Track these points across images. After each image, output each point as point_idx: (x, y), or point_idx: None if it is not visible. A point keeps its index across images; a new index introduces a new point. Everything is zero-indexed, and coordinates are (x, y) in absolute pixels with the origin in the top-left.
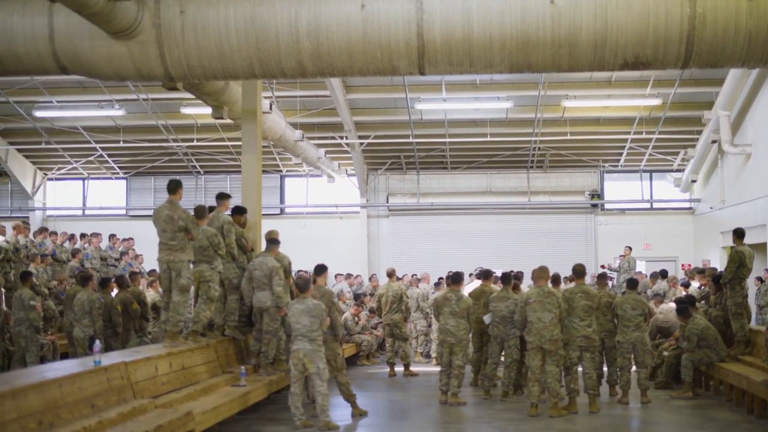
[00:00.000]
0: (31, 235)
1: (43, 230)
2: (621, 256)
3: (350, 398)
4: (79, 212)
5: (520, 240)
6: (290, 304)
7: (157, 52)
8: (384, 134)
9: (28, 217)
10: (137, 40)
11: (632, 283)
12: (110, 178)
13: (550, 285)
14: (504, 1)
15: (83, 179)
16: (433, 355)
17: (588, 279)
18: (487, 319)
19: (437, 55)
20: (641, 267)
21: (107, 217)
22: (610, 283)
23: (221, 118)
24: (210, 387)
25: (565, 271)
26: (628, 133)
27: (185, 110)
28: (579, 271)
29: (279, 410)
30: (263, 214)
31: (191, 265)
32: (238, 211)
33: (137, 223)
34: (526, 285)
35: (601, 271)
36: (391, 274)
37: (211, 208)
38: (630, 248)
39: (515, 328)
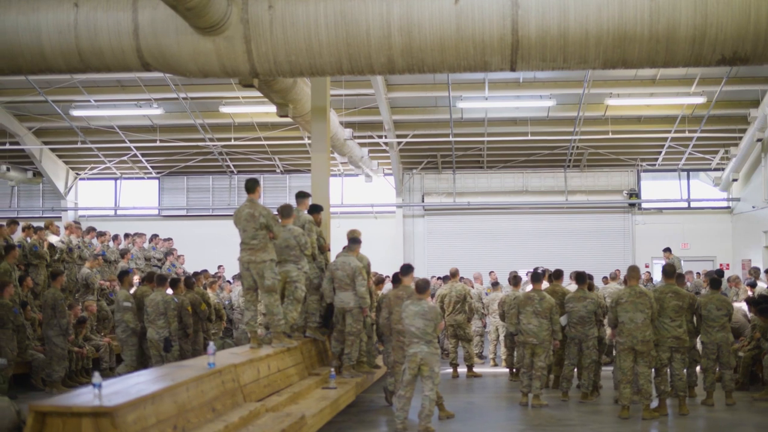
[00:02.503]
0: None
1: (90, 230)
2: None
3: (438, 400)
4: (111, 212)
5: (557, 240)
6: (405, 306)
7: (243, 48)
8: (422, 133)
9: (60, 217)
10: (224, 36)
11: (716, 284)
12: (142, 178)
13: (615, 282)
14: None
15: (115, 179)
16: (490, 356)
17: (620, 280)
18: (563, 320)
19: (531, 51)
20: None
21: (139, 217)
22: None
23: (286, 115)
24: (304, 390)
25: (604, 271)
26: (669, 131)
27: (224, 109)
28: (669, 272)
29: (363, 412)
30: None
31: (275, 265)
32: (315, 210)
33: (169, 224)
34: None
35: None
36: (454, 274)
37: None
38: (669, 250)
39: (593, 328)
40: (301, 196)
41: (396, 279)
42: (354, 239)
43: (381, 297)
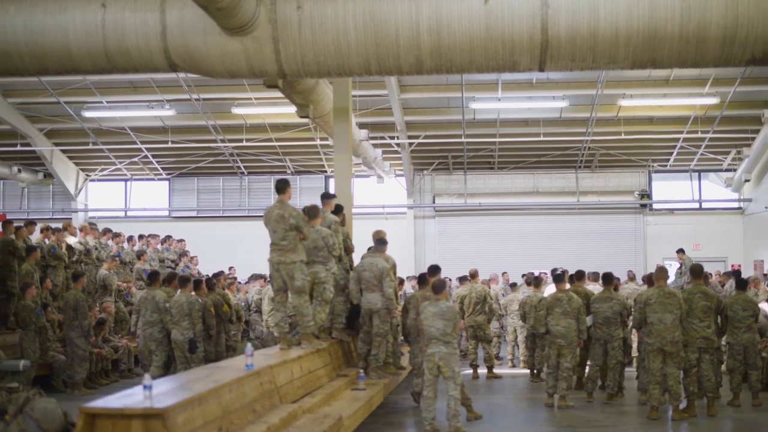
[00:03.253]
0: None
1: (106, 231)
2: (679, 261)
3: (465, 401)
4: (121, 214)
5: (569, 240)
6: (423, 307)
7: (272, 48)
8: (434, 134)
9: (70, 219)
10: (252, 36)
11: (742, 284)
12: (152, 179)
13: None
14: None
15: (125, 180)
16: (508, 357)
17: (638, 281)
18: (588, 320)
19: (560, 51)
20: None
21: (149, 218)
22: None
23: (307, 116)
24: (335, 391)
25: (615, 272)
26: (681, 132)
27: (236, 110)
28: (697, 272)
29: (390, 414)
30: None
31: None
32: (337, 210)
33: (180, 225)
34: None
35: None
36: (474, 275)
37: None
38: (683, 251)
39: (618, 328)
40: (327, 197)
41: (422, 280)
42: (381, 240)
43: (408, 298)
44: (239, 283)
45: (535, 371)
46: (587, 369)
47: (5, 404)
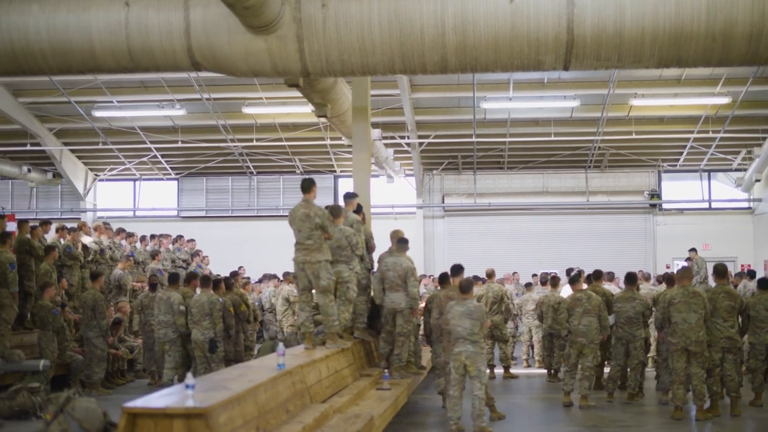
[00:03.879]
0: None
1: (120, 231)
2: (687, 259)
3: (489, 401)
4: (130, 213)
5: (578, 240)
6: (450, 306)
7: (296, 47)
8: (444, 134)
9: (79, 218)
10: (276, 35)
11: (765, 284)
12: (161, 179)
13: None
14: None
15: (134, 180)
16: (523, 357)
17: (653, 281)
18: (610, 320)
19: (586, 50)
20: None
21: (158, 218)
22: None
23: (325, 116)
24: (361, 391)
25: (625, 272)
26: (692, 132)
27: (247, 110)
28: (721, 271)
29: (413, 414)
30: None
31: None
32: (357, 209)
33: (188, 225)
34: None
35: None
36: (491, 275)
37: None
38: (695, 250)
39: (641, 328)
40: (350, 196)
41: (443, 279)
42: (403, 239)
43: (430, 297)
44: (252, 283)
45: (552, 371)
46: (606, 369)
47: (27, 404)
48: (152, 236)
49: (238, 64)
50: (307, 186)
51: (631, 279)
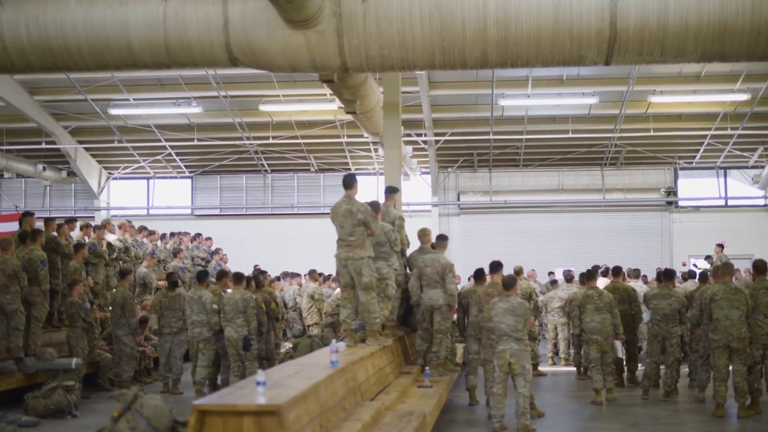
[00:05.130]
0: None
1: (142, 229)
2: (707, 257)
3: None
4: (144, 212)
5: (594, 238)
6: (493, 303)
7: (335, 42)
8: (461, 131)
9: (93, 217)
10: (316, 30)
11: None
12: (175, 177)
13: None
14: None
15: (148, 178)
16: (548, 354)
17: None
18: (646, 317)
19: (628, 44)
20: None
21: (172, 216)
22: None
23: (354, 112)
24: (405, 389)
25: (642, 270)
26: (709, 129)
27: (263, 107)
28: (761, 267)
29: (451, 411)
30: (329, 213)
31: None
32: (376, 207)
33: (203, 223)
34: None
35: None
36: (519, 272)
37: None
38: (721, 246)
39: (677, 326)
40: (391, 191)
41: (479, 275)
42: (442, 236)
43: (466, 293)
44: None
45: (582, 369)
46: (637, 365)
47: (62, 402)
48: (172, 234)
49: (277, 59)
50: (349, 182)
51: (668, 276)
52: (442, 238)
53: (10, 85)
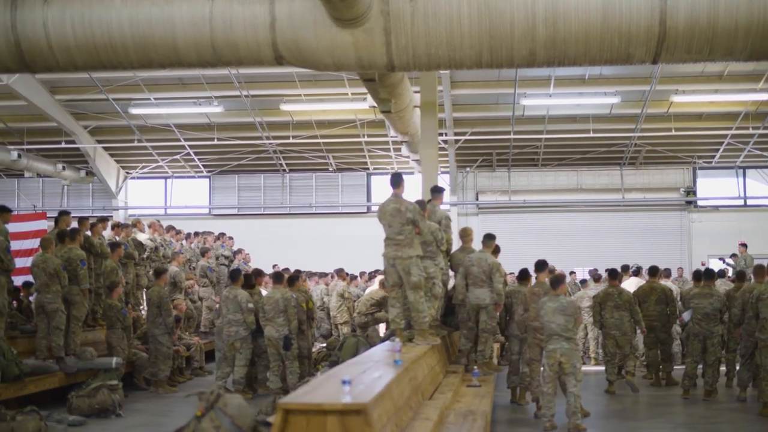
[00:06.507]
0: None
1: (170, 228)
2: (733, 255)
3: None
4: (161, 211)
5: (613, 238)
6: (542, 302)
7: (383, 40)
8: (481, 131)
9: (111, 216)
10: (363, 28)
11: None
12: (193, 177)
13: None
14: None
15: (165, 178)
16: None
17: (687, 276)
18: (686, 316)
19: (677, 43)
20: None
21: (190, 216)
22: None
23: (389, 111)
24: (456, 388)
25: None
26: (730, 128)
27: (284, 107)
28: None
29: (497, 410)
30: (347, 213)
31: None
32: (422, 206)
33: (220, 223)
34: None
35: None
36: (552, 271)
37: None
38: (745, 245)
39: (718, 325)
40: (437, 191)
41: (523, 275)
42: (490, 235)
43: (510, 292)
44: None
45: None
46: (672, 366)
47: (107, 402)
48: (196, 233)
49: (323, 58)
50: (397, 180)
51: (708, 275)
52: (489, 238)
53: (32, 84)
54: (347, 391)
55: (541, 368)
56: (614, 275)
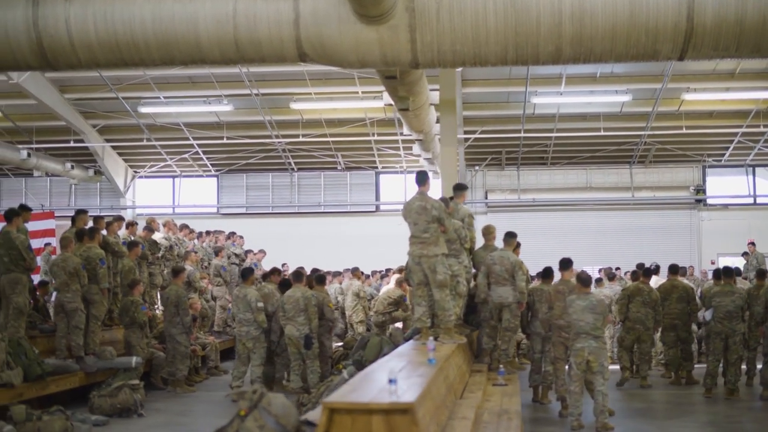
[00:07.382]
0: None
1: (183, 227)
2: (744, 253)
3: None
4: (169, 210)
5: (622, 236)
6: (571, 301)
7: (408, 37)
8: (491, 129)
9: (119, 215)
10: (388, 25)
11: None
12: (201, 176)
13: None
14: None
15: (173, 177)
16: None
17: (698, 274)
18: (708, 314)
19: (704, 39)
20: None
21: (198, 215)
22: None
23: (406, 109)
24: (485, 387)
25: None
26: (740, 126)
27: (294, 105)
28: None
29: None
30: (355, 212)
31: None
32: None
33: (229, 222)
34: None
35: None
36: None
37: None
38: (754, 244)
39: (740, 323)
40: (460, 188)
41: (547, 274)
42: (511, 233)
43: (533, 290)
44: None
45: (634, 367)
46: (693, 365)
47: (128, 401)
48: (207, 232)
49: (347, 55)
50: (423, 178)
51: (728, 273)
52: (511, 236)
53: (41, 83)
54: (394, 390)
55: (566, 367)
56: (647, 273)
